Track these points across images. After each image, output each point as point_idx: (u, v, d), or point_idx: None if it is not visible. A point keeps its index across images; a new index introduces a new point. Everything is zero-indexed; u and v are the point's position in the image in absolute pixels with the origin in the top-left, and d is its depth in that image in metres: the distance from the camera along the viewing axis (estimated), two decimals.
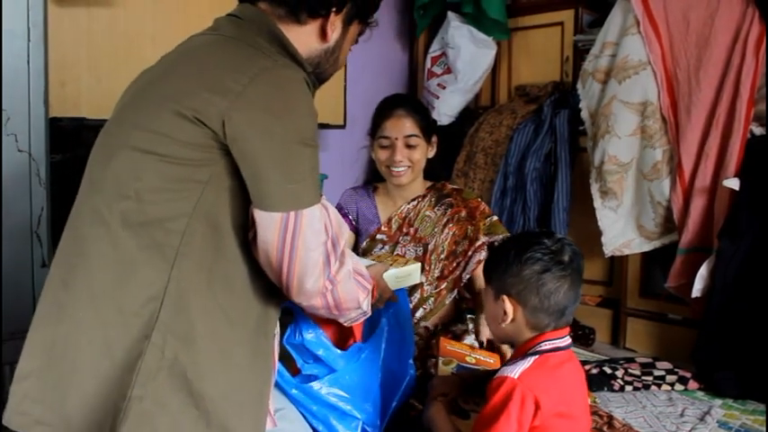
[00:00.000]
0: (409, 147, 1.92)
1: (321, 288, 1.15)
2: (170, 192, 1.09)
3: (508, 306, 1.24)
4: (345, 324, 1.34)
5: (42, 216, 2.10)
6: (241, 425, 1.11)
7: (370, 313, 1.33)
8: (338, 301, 1.21)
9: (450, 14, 3.43)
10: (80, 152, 2.27)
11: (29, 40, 2.08)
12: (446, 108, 3.42)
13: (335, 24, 1.28)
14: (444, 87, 3.44)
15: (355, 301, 1.25)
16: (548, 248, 1.24)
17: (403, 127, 1.91)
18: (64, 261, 1.15)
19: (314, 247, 1.11)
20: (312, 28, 1.26)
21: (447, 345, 1.69)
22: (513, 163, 3.11)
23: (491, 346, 1.78)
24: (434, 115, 3.33)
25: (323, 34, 1.27)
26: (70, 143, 2.26)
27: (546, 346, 1.23)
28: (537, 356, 1.21)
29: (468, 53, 3.36)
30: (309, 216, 1.10)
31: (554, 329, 1.25)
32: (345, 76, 3.37)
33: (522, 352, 1.25)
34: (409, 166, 1.94)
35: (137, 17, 2.63)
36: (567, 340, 1.26)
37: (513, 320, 1.25)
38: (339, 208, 2.09)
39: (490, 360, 1.66)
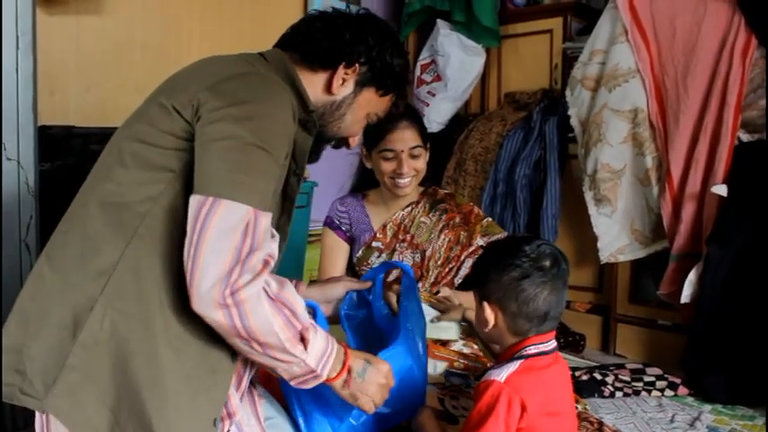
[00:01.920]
0: (413, 157, 1.90)
1: (218, 296, 1.01)
2: (143, 176, 1.13)
3: (488, 312, 1.26)
4: (291, 382, 1.17)
5: (31, 224, 2.09)
6: (163, 415, 1.07)
7: (322, 377, 1.16)
8: (248, 327, 1.04)
9: (440, 22, 3.46)
10: (69, 160, 2.26)
11: (17, 48, 2.08)
12: (436, 115, 3.44)
13: (345, 80, 1.32)
14: (434, 95, 3.46)
15: (274, 335, 1.06)
16: (527, 255, 1.25)
17: (408, 139, 1.88)
18: (53, 237, 1.20)
19: (221, 245, 1.02)
20: (321, 77, 1.32)
21: (435, 350, 1.70)
22: (502, 170, 3.14)
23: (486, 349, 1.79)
24: (424, 123, 3.35)
25: (328, 86, 1.32)
26: (59, 151, 2.25)
27: (531, 350, 1.24)
28: (522, 360, 1.22)
29: (457, 61, 3.38)
30: (228, 208, 1.04)
31: (537, 334, 1.26)
32: None
33: (507, 356, 1.26)
34: (414, 176, 1.92)
35: (125, 25, 2.65)
36: (552, 344, 1.27)
37: (495, 326, 1.27)
38: (330, 222, 2.06)
39: (478, 365, 1.67)
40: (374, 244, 2.00)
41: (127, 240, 1.10)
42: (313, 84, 1.31)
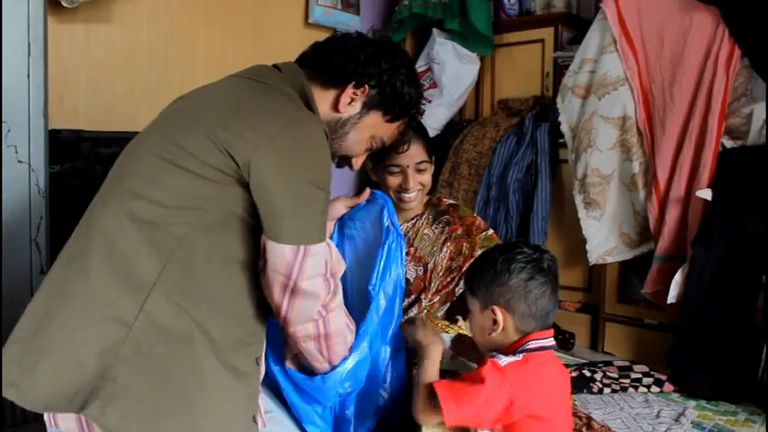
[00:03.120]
0: (419, 171, 1.88)
1: (315, 314, 1.22)
2: (179, 201, 1.16)
3: (499, 315, 1.28)
4: (326, 366, 1.34)
5: (41, 225, 2.13)
6: (211, 418, 1.14)
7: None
8: (328, 332, 1.26)
9: (435, 31, 3.51)
10: (78, 163, 2.29)
11: (29, 55, 2.11)
12: (432, 121, 3.47)
13: (353, 100, 1.36)
14: (430, 101, 3.50)
15: (342, 336, 1.30)
16: (529, 257, 1.29)
17: (414, 154, 1.86)
18: (73, 241, 1.23)
19: (315, 277, 1.19)
20: (331, 94, 1.35)
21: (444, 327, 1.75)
22: (495, 174, 3.18)
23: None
24: None
25: (336, 103, 1.35)
26: (69, 154, 2.29)
27: (533, 344, 1.28)
28: (524, 353, 1.26)
29: (452, 68, 3.43)
30: (315, 250, 1.18)
31: (539, 330, 1.30)
32: None
33: (509, 351, 1.29)
34: (420, 189, 1.91)
35: (133, 34, 2.69)
36: (551, 340, 1.31)
37: (503, 329, 1.29)
38: None
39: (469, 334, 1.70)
40: None
41: (164, 260, 1.13)
42: (322, 99, 1.34)
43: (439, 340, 1.40)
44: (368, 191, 1.63)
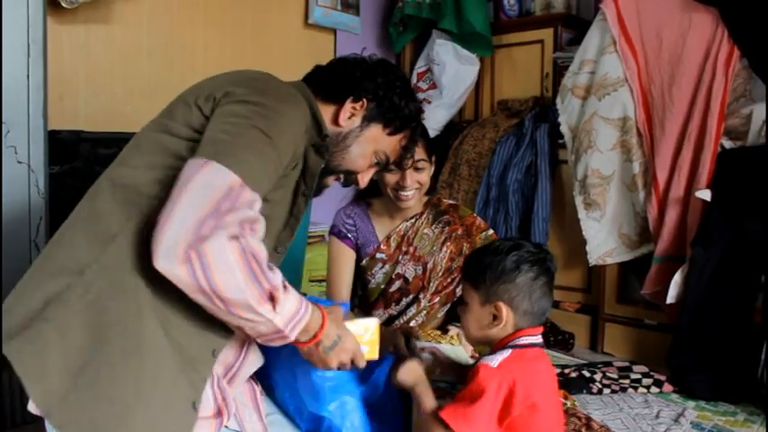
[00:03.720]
0: (417, 170, 1.88)
1: (183, 248, 0.98)
2: (155, 160, 1.17)
3: (504, 312, 1.28)
4: (258, 340, 1.16)
5: (41, 225, 2.13)
6: (140, 388, 1.05)
7: (290, 338, 1.14)
8: (212, 282, 1.00)
9: (435, 32, 3.52)
10: (78, 164, 2.30)
11: (28, 56, 2.11)
12: (432, 122, 3.49)
13: (353, 114, 1.39)
14: (430, 102, 3.52)
15: (239, 291, 1.02)
16: (536, 256, 1.30)
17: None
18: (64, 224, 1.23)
19: (200, 199, 1.01)
20: (331, 110, 1.39)
21: (437, 337, 1.75)
22: (495, 174, 3.18)
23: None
24: None
25: (336, 117, 1.38)
26: (68, 155, 2.29)
27: (523, 341, 1.28)
28: (514, 349, 1.27)
29: (452, 69, 3.45)
30: (216, 169, 1.04)
31: (529, 327, 1.30)
32: None
33: (499, 346, 1.30)
34: (417, 189, 1.91)
35: (133, 34, 2.70)
36: (541, 338, 1.32)
37: (504, 325, 1.29)
38: (337, 231, 2.03)
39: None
40: (378, 255, 1.99)
41: (129, 216, 1.11)
42: (325, 113, 1.37)
43: (416, 373, 1.36)
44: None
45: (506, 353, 1.26)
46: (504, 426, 1.22)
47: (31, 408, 1.04)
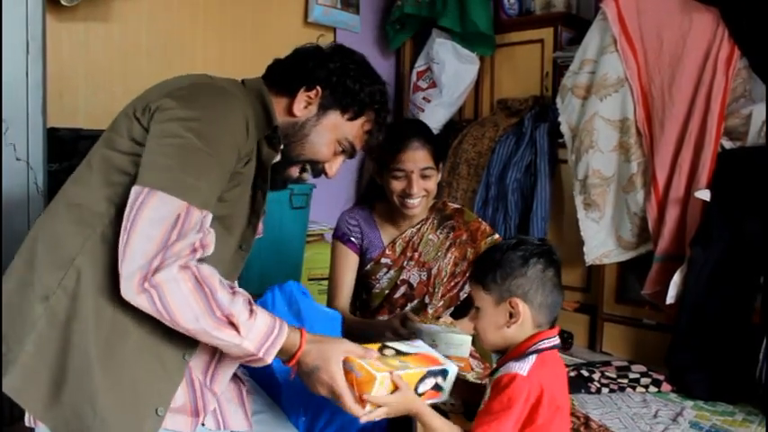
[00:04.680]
0: (424, 177, 1.84)
1: (138, 281, 1.05)
2: (104, 179, 1.18)
3: (520, 306, 1.27)
4: (239, 362, 1.24)
5: None
6: (107, 397, 1.12)
7: (267, 360, 1.18)
8: (169, 311, 1.07)
9: (435, 31, 3.52)
10: (77, 162, 2.27)
11: (27, 53, 2.11)
12: (431, 121, 3.45)
13: (309, 104, 1.37)
14: (429, 101, 3.52)
15: (194, 321, 1.09)
16: (541, 248, 1.30)
17: (419, 160, 1.82)
18: (27, 236, 1.26)
19: (150, 233, 1.06)
20: (285, 101, 1.38)
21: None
22: (494, 173, 3.19)
23: None
24: None
25: (290, 108, 1.37)
26: (67, 153, 2.29)
27: (544, 344, 1.27)
28: (538, 354, 1.25)
29: (452, 68, 3.45)
30: (160, 200, 1.08)
31: (548, 329, 1.29)
32: None
33: (519, 351, 1.28)
34: (424, 196, 1.87)
35: (132, 32, 2.69)
36: (558, 339, 1.31)
37: (521, 322, 1.28)
38: (341, 235, 1.99)
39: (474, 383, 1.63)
40: (383, 260, 1.96)
41: (85, 237, 1.15)
42: (278, 106, 1.37)
43: (410, 398, 1.28)
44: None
45: (532, 359, 1.24)
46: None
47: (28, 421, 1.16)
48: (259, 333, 1.15)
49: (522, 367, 1.22)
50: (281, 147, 1.36)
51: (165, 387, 1.18)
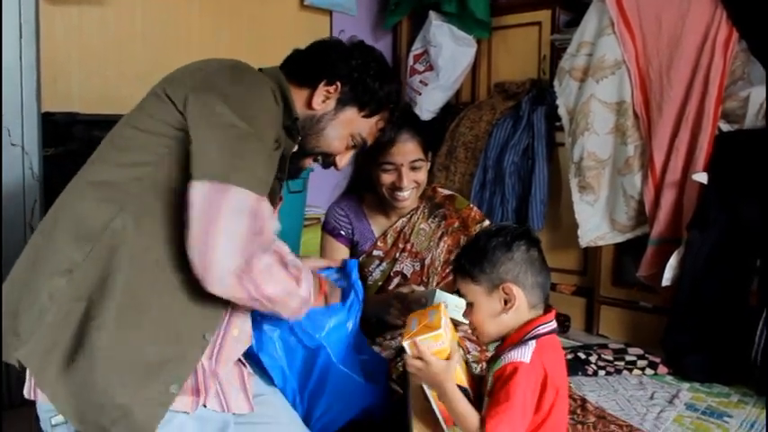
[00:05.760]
0: (414, 169, 1.82)
1: (236, 276, 1.09)
2: (132, 158, 1.19)
3: (514, 291, 1.26)
4: (290, 317, 1.29)
5: (35, 208, 2.14)
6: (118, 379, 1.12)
7: (311, 302, 1.30)
8: (265, 295, 1.14)
9: (432, 14, 3.50)
10: (72, 146, 2.28)
11: (21, 37, 2.10)
12: (428, 104, 3.48)
13: (327, 98, 1.40)
14: (426, 84, 3.51)
15: (285, 293, 1.19)
16: (520, 230, 1.31)
17: (408, 152, 1.79)
18: (48, 213, 1.26)
19: (235, 229, 1.09)
20: (304, 93, 1.40)
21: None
22: (492, 157, 3.18)
23: None
24: (416, 111, 3.37)
25: (309, 101, 1.40)
26: (62, 137, 2.28)
27: (542, 330, 1.27)
28: (537, 339, 1.25)
29: (449, 51, 3.43)
30: (237, 194, 1.10)
31: (544, 314, 1.30)
32: None
33: (517, 338, 1.28)
34: (414, 188, 1.86)
35: (127, 15, 2.67)
36: (555, 323, 1.30)
37: (516, 307, 1.27)
38: (331, 228, 1.98)
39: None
40: (375, 252, 1.95)
41: (112, 215, 1.15)
42: (297, 98, 1.38)
43: (448, 373, 1.25)
44: (339, 262, 1.64)
45: (532, 345, 1.24)
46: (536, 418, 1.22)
47: (28, 392, 1.15)
48: (308, 280, 1.27)
49: (524, 354, 1.22)
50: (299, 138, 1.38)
51: (181, 365, 1.18)
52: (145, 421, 1.12)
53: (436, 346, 1.23)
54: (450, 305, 1.59)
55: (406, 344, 1.24)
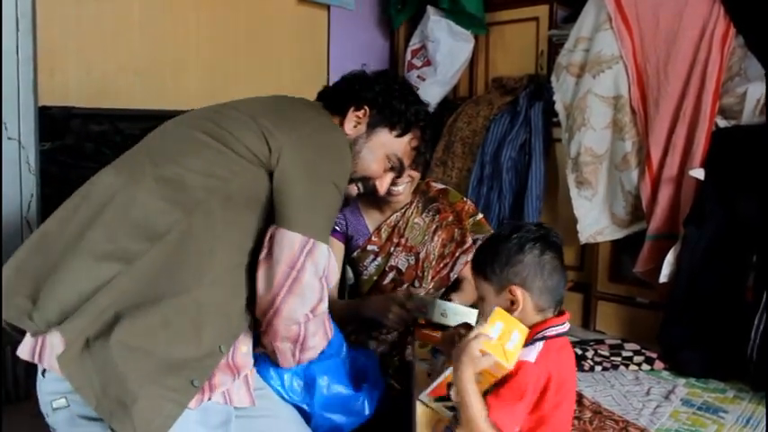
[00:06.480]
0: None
1: (301, 316, 1.26)
2: (206, 168, 1.26)
3: (518, 294, 1.26)
4: (293, 365, 1.39)
5: (32, 202, 2.14)
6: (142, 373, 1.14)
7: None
8: (307, 336, 1.30)
9: (430, 9, 3.49)
10: (69, 140, 2.29)
11: (17, 30, 2.10)
12: (426, 99, 3.46)
13: (358, 123, 1.52)
14: (424, 79, 3.50)
15: (319, 344, 1.35)
16: (538, 233, 1.29)
17: None
18: (87, 185, 1.28)
19: (314, 276, 1.25)
20: (337, 121, 1.52)
21: (423, 330, 1.71)
22: (489, 152, 3.18)
23: None
24: None
25: (341, 127, 1.51)
26: (59, 131, 2.28)
27: (551, 331, 1.26)
28: (544, 341, 1.25)
29: (446, 46, 3.43)
30: (320, 248, 1.26)
31: (555, 316, 1.28)
32: (328, 69, 3.45)
33: (527, 338, 1.26)
34: (409, 182, 1.88)
35: (124, 8, 2.65)
36: (567, 326, 1.29)
37: (522, 309, 1.27)
38: None
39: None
40: (369, 247, 1.96)
41: (177, 218, 1.21)
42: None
43: (472, 366, 1.22)
44: None
45: (539, 346, 1.23)
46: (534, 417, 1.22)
47: (24, 353, 1.17)
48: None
49: (530, 354, 1.22)
50: None
51: (197, 369, 1.21)
52: (154, 411, 1.14)
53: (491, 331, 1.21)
54: (450, 314, 1.61)
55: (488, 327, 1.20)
